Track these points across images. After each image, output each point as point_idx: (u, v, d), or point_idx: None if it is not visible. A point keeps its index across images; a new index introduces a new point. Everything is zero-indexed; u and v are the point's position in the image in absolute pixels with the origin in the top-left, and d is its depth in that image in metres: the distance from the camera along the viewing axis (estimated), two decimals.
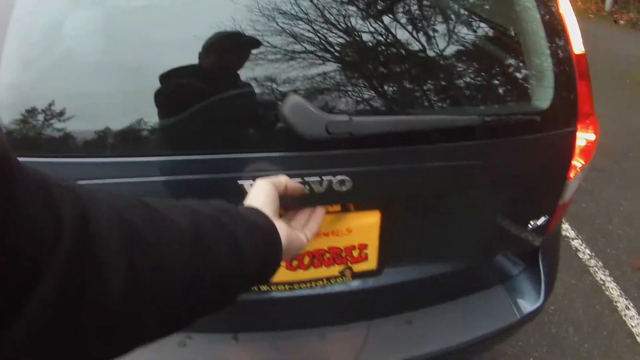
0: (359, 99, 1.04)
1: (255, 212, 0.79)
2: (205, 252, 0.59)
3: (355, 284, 1.30)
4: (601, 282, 2.73)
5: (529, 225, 1.35)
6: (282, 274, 1.21)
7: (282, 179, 0.93)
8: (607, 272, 2.80)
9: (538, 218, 1.35)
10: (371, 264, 1.27)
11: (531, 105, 1.19)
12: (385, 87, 1.07)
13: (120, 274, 0.46)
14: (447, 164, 1.12)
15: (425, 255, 1.36)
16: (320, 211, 1.04)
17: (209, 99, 0.99)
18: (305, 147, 1.00)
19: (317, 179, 1.02)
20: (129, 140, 0.98)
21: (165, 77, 0.97)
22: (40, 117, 0.94)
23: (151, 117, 0.98)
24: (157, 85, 0.96)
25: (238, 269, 0.65)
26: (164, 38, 1.01)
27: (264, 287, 1.23)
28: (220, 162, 0.99)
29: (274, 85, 0.99)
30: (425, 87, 1.11)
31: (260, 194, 0.86)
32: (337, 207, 1.16)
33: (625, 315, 2.52)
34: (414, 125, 1.04)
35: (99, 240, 0.45)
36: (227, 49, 1.01)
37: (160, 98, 0.97)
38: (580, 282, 2.73)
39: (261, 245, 0.72)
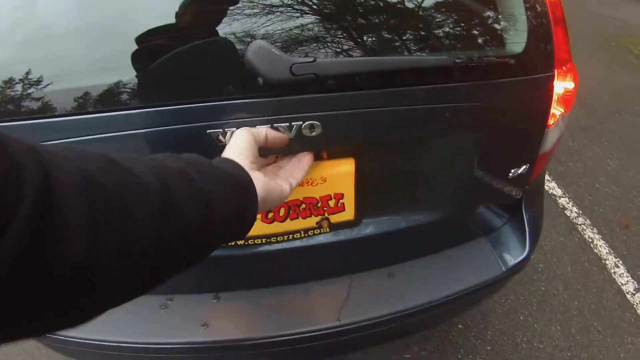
0: (325, 43, 1.02)
1: (230, 164, 0.78)
2: (172, 209, 0.58)
3: (333, 236, 1.29)
4: (589, 240, 2.74)
5: (510, 173, 1.33)
6: (258, 227, 1.20)
7: (262, 129, 0.92)
8: (595, 230, 2.81)
9: (519, 166, 1.34)
10: (348, 214, 1.26)
11: (505, 48, 1.16)
12: (353, 31, 1.06)
13: (82, 232, 0.45)
14: (420, 107, 1.10)
15: (404, 205, 1.34)
16: (307, 158, 1.04)
17: (179, 51, 0.97)
18: (273, 92, 0.98)
19: (285, 124, 1.00)
20: (103, 95, 0.96)
21: (138, 37, 0.96)
22: (18, 84, 0.94)
23: (123, 72, 0.96)
24: (130, 43, 0.95)
25: (208, 225, 0.63)
26: None
27: (240, 242, 1.22)
28: (187, 111, 0.98)
29: (240, 33, 0.97)
30: (392, 30, 1.09)
31: (237, 144, 0.85)
32: None
33: (614, 272, 2.54)
34: (381, 66, 1.02)
35: (61, 199, 0.44)
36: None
37: (132, 54, 0.96)
38: (568, 240, 2.74)
39: (234, 199, 0.70)
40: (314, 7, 1.03)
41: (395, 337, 1.74)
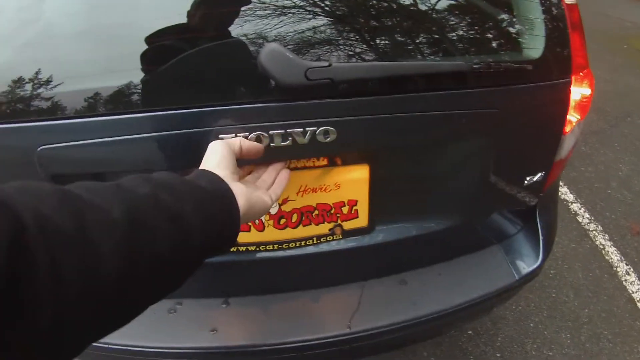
0: (340, 48, 1.01)
1: (208, 176, 0.75)
2: (140, 238, 0.55)
3: (346, 242, 1.27)
4: (601, 247, 2.71)
5: (525, 181, 1.32)
6: (270, 233, 1.19)
7: (237, 140, 0.89)
8: (606, 237, 2.78)
9: (534, 174, 1.32)
10: (362, 221, 1.25)
11: (522, 54, 1.15)
12: (370, 36, 1.04)
13: (42, 276, 0.45)
14: (436, 114, 1.09)
15: (418, 211, 1.33)
16: (284, 174, 1.01)
17: (190, 53, 0.96)
18: (287, 96, 0.97)
19: (300, 129, 0.98)
20: (112, 98, 0.95)
21: (148, 38, 0.95)
22: (28, 85, 0.93)
23: (132, 75, 0.95)
24: (139, 45, 0.94)
25: (181, 249, 0.61)
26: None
27: (252, 248, 1.21)
28: (199, 115, 0.96)
29: (254, 37, 0.96)
30: (409, 34, 1.08)
31: (213, 155, 0.83)
32: (324, 161, 1.13)
33: (625, 280, 2.51)
34: (397, 70, 1.00)
35: (18, 247, 0.43)
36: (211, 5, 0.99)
37: (141, 56, 0.95)
38: (579, 246, 2.71)
39: (212, 216, 0.68)
40: (328, 9, 1.01)
41: (406, 344, 1.73)
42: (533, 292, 2.39)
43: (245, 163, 0.97)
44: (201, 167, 0.81)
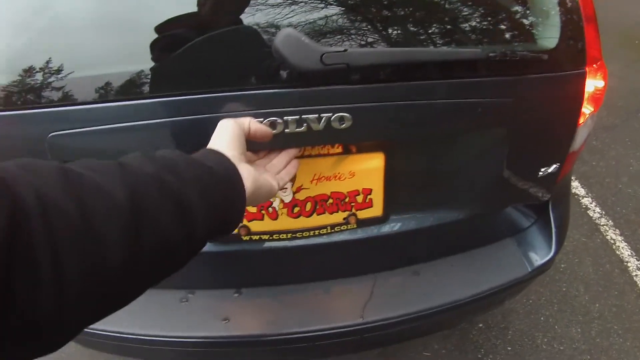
0: (357, 34, 1.00)
1: (215, 157, 0.74)
2: (144, 226, 0.54)
3: (360, 232, 1.26)
4: (612, 241, 2.69)
5: (540, 172, 1.31)
6: (284, 222, 1.20)
7: (246, 119, 0.88)
8: (617, 231, 2.76)
9: (549, 165, 1.31)
10: (376, 210, 1.24)
11: (538, 44, 1.14)
12: (384, 24, 1.04)
13: (46, 269, 0.43)
14: (452, 102, 1.08)
15: (432, 202, 1.32)
16: (295, 162, 1.00)
17: (204, 39, 0.95)
18: (303, 82, 0.96)
19: (315, 115, 0.98)
20: (125, 84, 0.95)
21: (160, 27, 0.95)
22: (39, 72, 0.93)
23: (146, 60, 0.95)
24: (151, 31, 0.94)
25: (187, 234, 0.60)
26: None
27: (265, 237, 1.21)
28: (216, 100, 0.96)
29: (269, 23, 0.96)
30: (426, 20, 1.07)
31: (224, 134, 0.81)
32: (339, 149, 1.12)
33: (636, 275, 2.49)
34: (414, 56, 1.00)
35: (25, 236, 0.42)
36: None
37: (156, 42, 0.94)
38: (590, 241, 2.70)
39: (218, 197, 0.67)
40: None
41: (418, 335, 1.73)
42: (544, 286, 2.38)
43: (259, 148, 0.98)
44: (210, 145, 0.79)
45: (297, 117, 0.97)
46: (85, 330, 1.22)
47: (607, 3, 6.50)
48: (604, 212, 2.90)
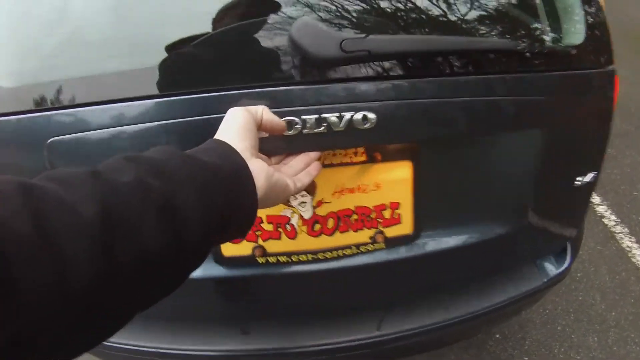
0: (378, 21, 0.96)
1: (220, 150, 0.65)
2: (119, 238, 0.47)
3: (388, 252, 1.17)
4: (627, 249, 2.67)
5: (576, 182, 1.23)
6: (304, 241, 1.10)
7: (259, 107, 0.78)
8: (633, 239, 2.74)
9: (584, 174, 1.23)
10: (406, 227, 1.14)
11: (565, 39, 1.10)
12: (407, 14, 0.98)
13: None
14: (482, 100, 1.02)
15: (465, 216, 1.23)
16: (316, 165, 0.91)
17: (214, 34, 0.91)
18: (321, 77, 0.92)
19: (335, 114, 0.91)
20: (138, 82, 0.92)
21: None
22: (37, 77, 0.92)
23: (159, 56, 0.91)
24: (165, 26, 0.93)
25: (168, 238, 0.52)
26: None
27: (283, 259, 1.12)
28: (230, 98, 0.91)
29: (283, 16, 0.92)
30: (449, 15, 1.00)
31: (233, 123, 0.72)
32: (363, 156, 1.04)
33: None
34: (438, 45, 0.96)
35: None
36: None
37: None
38: (605, 249, 2.68)
39: (218, 199, 0.59)
40: None
41: (435, 347, 1.71)
42: (560, 295, 2.37)
43: (273, 151, 0.91)
44: (216, 136, 0.71)
45: (316, 115, 0.91)
46: None
47: (616, 7, 6.46)
48: (619, 220, 2.88)
